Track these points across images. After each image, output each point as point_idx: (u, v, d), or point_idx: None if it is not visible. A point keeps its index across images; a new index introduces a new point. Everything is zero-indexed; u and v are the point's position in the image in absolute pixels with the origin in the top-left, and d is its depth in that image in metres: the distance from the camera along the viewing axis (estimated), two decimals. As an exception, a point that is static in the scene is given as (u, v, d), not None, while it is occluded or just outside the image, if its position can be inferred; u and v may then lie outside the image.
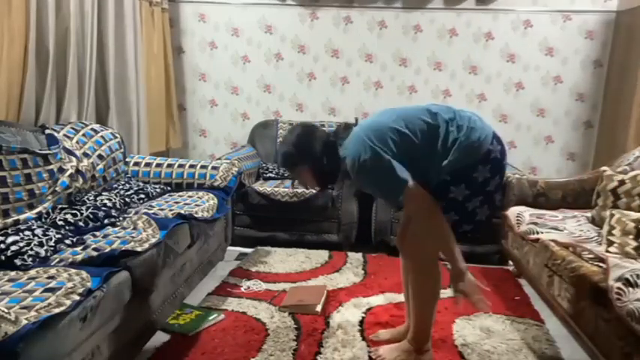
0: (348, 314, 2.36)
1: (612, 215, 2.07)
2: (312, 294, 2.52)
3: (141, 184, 2.81)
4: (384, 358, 1.96)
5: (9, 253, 1.71)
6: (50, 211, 2.16)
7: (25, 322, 1.24)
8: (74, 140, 2.59)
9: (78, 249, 1.85)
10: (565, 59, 3.77)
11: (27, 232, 1.85)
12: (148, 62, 3.58)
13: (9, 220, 1.97)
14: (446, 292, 2.62)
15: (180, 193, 2.76)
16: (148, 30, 3.56)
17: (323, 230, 3.35)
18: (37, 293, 1.45)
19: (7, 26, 2.34)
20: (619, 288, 1.56)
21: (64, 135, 2.55)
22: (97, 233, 2.03)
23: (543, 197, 2.84)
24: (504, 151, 1.77)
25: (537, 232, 2.35)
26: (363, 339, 2.16)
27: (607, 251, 1.93)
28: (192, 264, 2.42)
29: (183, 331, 2.18)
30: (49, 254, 1.78)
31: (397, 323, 2.25)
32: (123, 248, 1.80)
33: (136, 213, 2.31)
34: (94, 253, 1.77)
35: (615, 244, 1.95)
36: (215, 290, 2.64)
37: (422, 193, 1.71)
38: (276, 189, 3.32)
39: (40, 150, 2.23)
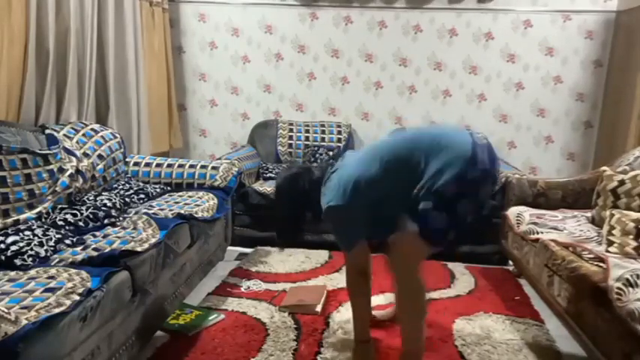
0: (348, 314, 2.34)
1: (612, 215, 2.07)
2: (312, 294, 2.52)
3: (141, 184, 2.81)
4: None
5: (9, 253, 1.71)
6: (50, 211, 2.16)
7: (25, 322, 1.24)
8: (74, 140, 2.59)
9: (78, 249, 1.85)
10: (565, 59, 3.77)
11: (27, 232, 1.85)
12: (149, 62, 3.57)
13: (9, 220, 1.97)
14: (445, 292, 2.66)
15: (180, 193, 2.76)
16: (148, 30, 3.56)
17: (323, 230, 3.34)
18: (37, 293, 1.45)
19: (7, 26, 2.34)
20: (619, 288, 1.56)
21: (64, 135, 2.55)
22: (97, 233, 2.03)
23: (543, 197, 2.84)
24: (485, 164, 1.66)
25: (537, 232, 2.35)
26: (363, 339, 2.15)
27: (607, 251, 1.93)
28: (192, 264, 2.42)
29: (184, 331, 2.18)
30: (49, 254, 1.78)
31: (397, 323, 2.25)
32: (123, 248, 1.80)
33: (136, 213, 2.31)
34: (94, 253, 1.78)
35: (615, 244, 1.95)
36: (215, 290, 2.64)
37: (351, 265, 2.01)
38: (276, 189, 3.31)
39: (40, 150, 2.23)
